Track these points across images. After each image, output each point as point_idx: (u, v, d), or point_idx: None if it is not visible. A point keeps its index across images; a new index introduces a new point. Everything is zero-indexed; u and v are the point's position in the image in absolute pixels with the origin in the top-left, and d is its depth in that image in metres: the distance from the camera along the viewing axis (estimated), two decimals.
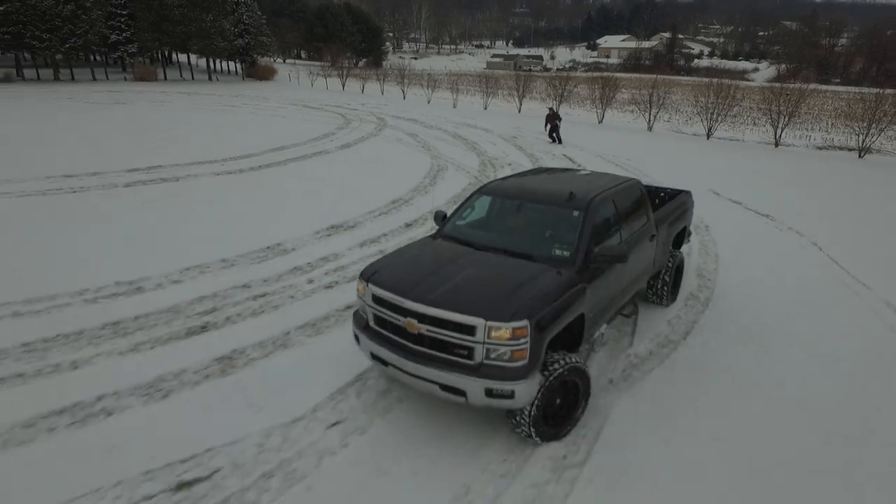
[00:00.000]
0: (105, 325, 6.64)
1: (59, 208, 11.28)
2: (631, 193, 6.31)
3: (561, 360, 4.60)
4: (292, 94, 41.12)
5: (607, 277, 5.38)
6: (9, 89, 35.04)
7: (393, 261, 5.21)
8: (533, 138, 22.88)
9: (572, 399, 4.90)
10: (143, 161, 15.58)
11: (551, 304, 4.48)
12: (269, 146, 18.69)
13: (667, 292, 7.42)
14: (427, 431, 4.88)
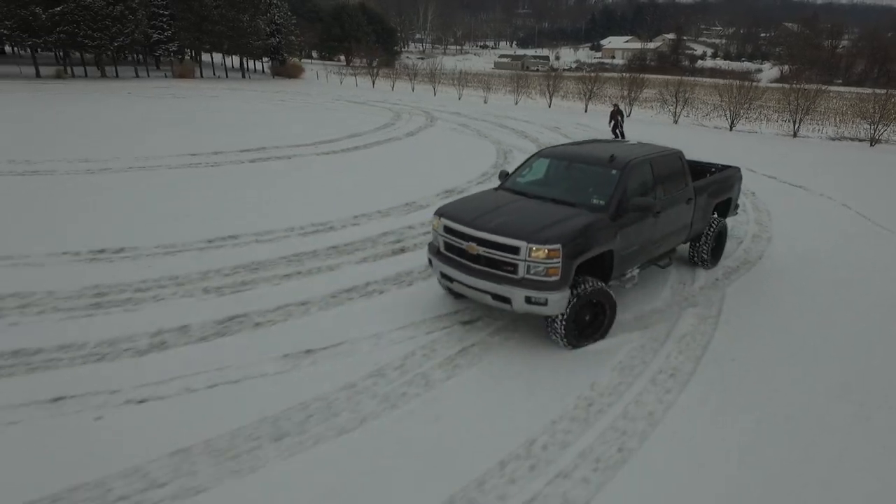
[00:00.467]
0: (329, 248, 8.91)
1: (239, 173, 13.63)
2: (670, 161, 7.33)
3: (589, 282, 5.78)
4: (329, 91, 43.35)
5: (639, 226, 6.46)
6: (67, 85, 37.24)
7: (461, 202, 6.63)
8: (573, 128, 25.15)
9: (600, 317, 6.14)
10: (249, 144, 17.82)
11: (581, 236, 5.68)
12: (343, 134, 20.93)
13: (707, 256, 8.33)
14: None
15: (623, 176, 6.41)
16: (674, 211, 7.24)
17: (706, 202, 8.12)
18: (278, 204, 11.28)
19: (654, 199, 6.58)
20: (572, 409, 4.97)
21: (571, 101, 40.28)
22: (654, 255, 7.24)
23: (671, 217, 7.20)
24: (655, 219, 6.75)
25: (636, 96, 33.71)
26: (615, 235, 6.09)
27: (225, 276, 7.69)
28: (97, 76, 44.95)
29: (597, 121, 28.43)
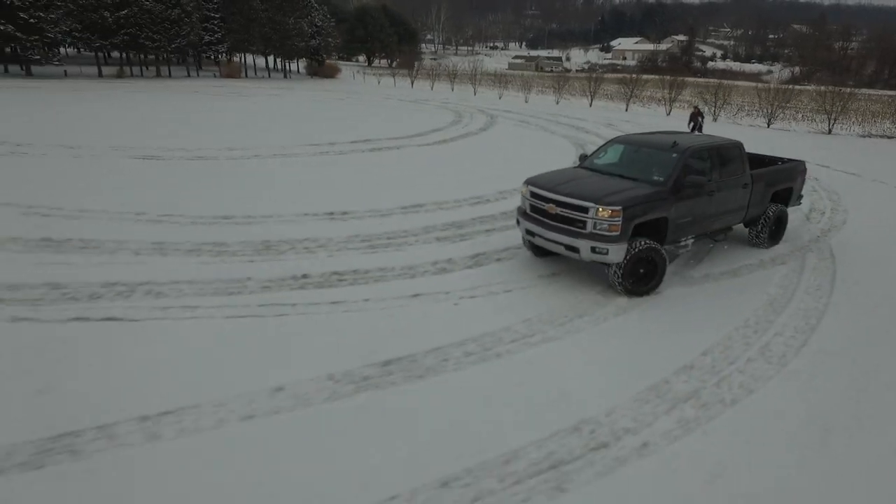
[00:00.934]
0: (501, 213, 11.16)
1: (372, 160, 15.92)
2: (727, 150, 8.52)
3: (643, 241, 7.16)
4: (375, 90, 45.65)
5: (693, 202, 7.78)
6: (130, 85, 39.61)
7: (545, 175, 8.27)
8: (624, 125, 27.42)
9: (652, 272, 7.48)
10: (355, 137, 20.10)
11: (639, 203, 7.07)
12: (426, 129, 23.21)
13: (765, 237, 9.42)
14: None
15: (681, 159, 7.72)
16: (730, 193, 8.45)
17: (763, 189, 9.15)
18: (423, 183, 13.51)
19: (707, 180, 7.83)
20: (764, 307, 7.25)
21: (606, 101, 42.48)
22: (708, 229, 8.53)
23: (726, 198, 8.43)
24: (710, 198, 8.03)
25: (674, 96, 35.92)
26: (671, 207, 7.47)
27: (440, 230, 9.97)
28: (152, 76, 47.38)
29: (640, 117, 30.69)
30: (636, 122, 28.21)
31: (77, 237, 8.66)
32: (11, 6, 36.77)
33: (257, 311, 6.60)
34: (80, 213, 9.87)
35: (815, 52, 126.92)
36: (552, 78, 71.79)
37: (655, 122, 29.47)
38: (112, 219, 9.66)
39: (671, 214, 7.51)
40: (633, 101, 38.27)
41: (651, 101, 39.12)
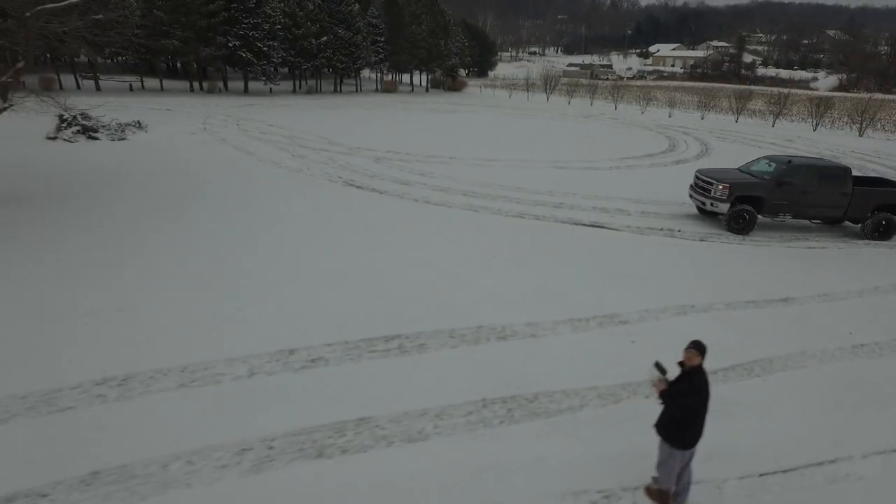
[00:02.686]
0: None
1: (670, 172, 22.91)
2: (831, 170, 13.85)
3: (742, 207, 13.45)
4: (526, 106, 52.71)
5: (787, 193, 13.39)
6: (327, 99, 46.92)
7: (708, 168, 15.48)
8: (799, 145, 34.22)
9: (747, 222, 13.60)
10: (621, 154, 27.07)
11: (743, 186, 13.57)
12: (655, 150, 30.15)
13: (868, 233, 14.06)
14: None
15: (781, 169, 13.86)
16: (825, 195, 13.67)
17: (864, 201, 13.95)
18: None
19: (797, 181, 13.50)
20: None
21: (726, 115, 48.92)
22: (804, 214, 14.04)
23: (821, 198, 13.67)
24: (803, 194, 13.53)
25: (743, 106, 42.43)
26: (766, 192, 13.54)
27: None
28: (329, 91, 54.87)
29: (753, 128, 37.45)
30: (817, 142, 34.95)
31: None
32: (249, 38, 44.40)
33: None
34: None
35: (862, 60, 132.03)
36: (640, 88, 78.68)
37: (763, 129, 36.28)
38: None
39: (766, 196, 13.68)
40: (742, 114, 44.89)
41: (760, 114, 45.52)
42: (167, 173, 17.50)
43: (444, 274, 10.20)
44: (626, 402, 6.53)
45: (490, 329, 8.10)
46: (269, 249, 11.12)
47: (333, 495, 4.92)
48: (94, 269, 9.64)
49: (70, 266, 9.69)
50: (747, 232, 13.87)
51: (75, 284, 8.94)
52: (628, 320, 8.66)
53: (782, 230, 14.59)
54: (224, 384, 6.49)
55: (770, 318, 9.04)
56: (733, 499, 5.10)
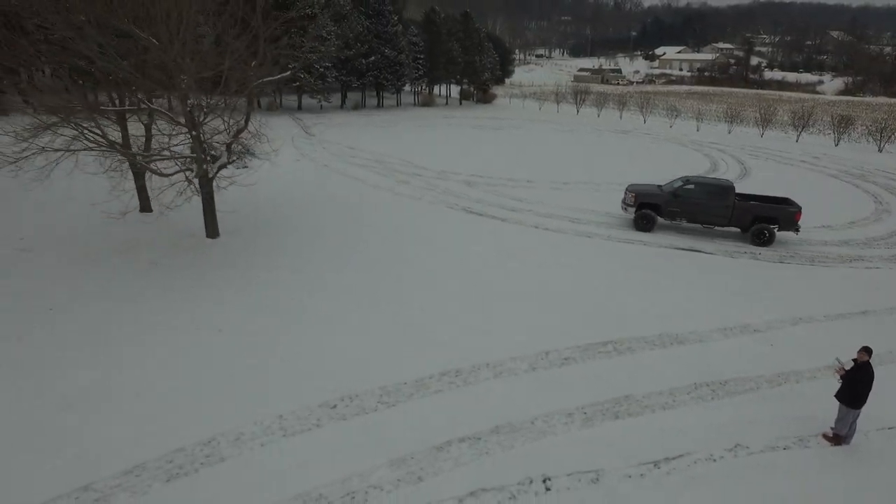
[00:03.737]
0: None
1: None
2: (716, 188, 18.16)
3: (645, 211, 18.67)
4: (558, 118, 56.06)
5: (680, 201, 18.37)
6: (375, 114, 50.35)
7: (634, 184, 20.52)
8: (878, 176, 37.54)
9: (649, 223, 18.75)
10: (658, 177, 30.46)
11: (646, 195, 18.82)
12: (701, 171, 33.48)
13: (749, 240, 17.90)
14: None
15: (678, 184, 18.82)
16: (712, 207, 17.96)
17: (744, 213, 17.79)
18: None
19: (682, 192, 18.31)
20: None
21: (750, 128, 52.12)
22: (695, 220, 18.34)
23: (708, 209, 18.00)
24: (694, 205, 18.12)
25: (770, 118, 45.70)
26: (664, 200, 18.56)
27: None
28: (373, 105, 58.25)
29: (765, 141, 40.75)
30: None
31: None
32: (308, 61, 47.69)
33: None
34: None
35: (868, 63, 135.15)
36: (654, 95, 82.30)
37: (784, 143, 39.55)
38: None
39: (662, 203, 18.51)
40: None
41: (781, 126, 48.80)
42: (319, 205, 20.84)
43: (618, 289, 13.59)
44: (787, 385, 9.93)
45: (673, 335, 11.51)
46: (464, 275, 14.50)
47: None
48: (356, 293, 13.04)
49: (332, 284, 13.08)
50: (649, 230, 18.87)
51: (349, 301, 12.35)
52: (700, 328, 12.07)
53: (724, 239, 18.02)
54: (518, 375, 9.88)
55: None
56: (877, 443, 8.50)
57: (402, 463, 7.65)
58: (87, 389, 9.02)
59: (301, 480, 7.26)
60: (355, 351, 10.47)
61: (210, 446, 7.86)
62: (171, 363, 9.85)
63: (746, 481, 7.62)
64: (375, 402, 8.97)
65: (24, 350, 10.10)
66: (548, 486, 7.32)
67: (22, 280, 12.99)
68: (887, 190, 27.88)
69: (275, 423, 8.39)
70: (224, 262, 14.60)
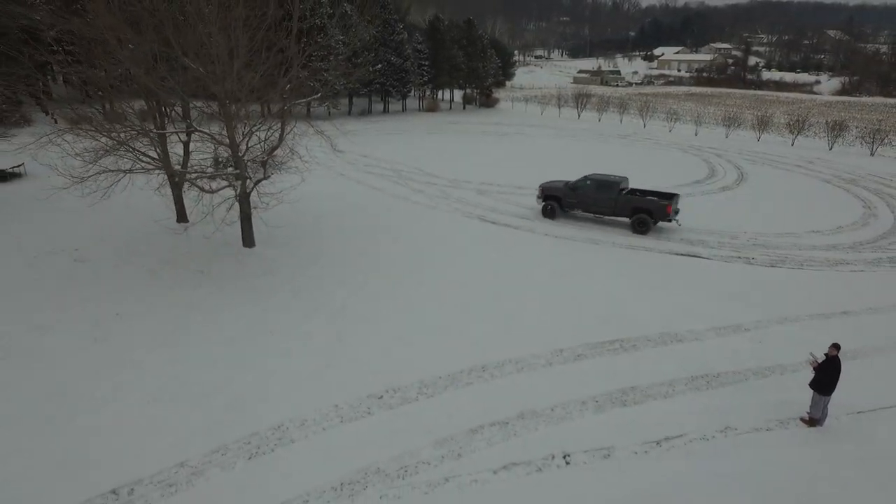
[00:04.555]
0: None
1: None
2: (605, 183, 21.26)
3: (550, 201, 22.23)
4: (561, 124, 57.50)
5: (576, 194, 21.77)
6: (379, 122, 51.79)
7: (546, 182, 23.55)
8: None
9: (551, 211, 22.18)
10: (661, 182, 31.87)
11: (550, 189, 22.27)
12: (700, 177, 34.93)
13: (632, 228, 20.79)
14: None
15: (577, 181, 22.14)
16: (601, 199, 21.20)
17: (625, 205, 20.83)
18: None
19: (580, 187, 21.71)
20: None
21: (747, 132, 53.45)
22: (589, 210, 21.75)
23: (598, 201, 21.29)
24: (587, 197, 21.48)
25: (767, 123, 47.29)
26: (564, 193, 22.03)
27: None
28: (379, 111, 59.71)
29: (771, 146, 42.17)
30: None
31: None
32: (318, 69, 49.20)
33: None
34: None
35: (864, 63, 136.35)
36: (654, 97, 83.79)
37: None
38: None
39: (562, 196, 22.01)
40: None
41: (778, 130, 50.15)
42: (342, 214, 22.29)
43: (625, 292, 15.05)
44: (772, 377, 11.38)
45: (672, 334, 12.96)
46: (484, 280, 15.97)
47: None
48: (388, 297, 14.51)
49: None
50: (553, 217, 22.34)
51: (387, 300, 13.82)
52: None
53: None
54: (537, 369, 11.34)
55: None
56: (846, 424, 9.95)
57: (444, 443, 9.10)
58: (166, 385, 10.47)
59: (360, 458, 8.71)
60: (395, 349, 11.92)
61: (280, 430, 9.31)
62: (235, 362, 11.30)
63: (734, 456, 9.07)
64: (416, 393, 10.43)
65: (106, 350, 11.56)
66: (567, 461, 8.77)
67: (86, 287, 14.45)
68: (876, 195, 29.28)
69: (332, 411, 9.84)
70: (265, 270, 16.06)
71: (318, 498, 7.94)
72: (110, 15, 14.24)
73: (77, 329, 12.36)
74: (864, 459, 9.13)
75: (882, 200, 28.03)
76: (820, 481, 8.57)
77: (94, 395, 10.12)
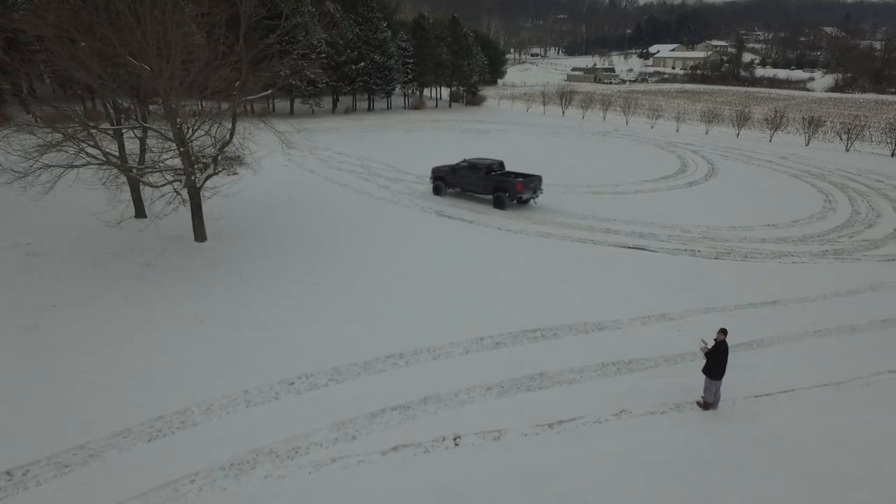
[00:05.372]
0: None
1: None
2: (477, 166, 23.99)
3: (439, 180, 25.62)
4: (547, 121, 57.73)
5: (455, 175, 24.77)
6: (362, 120, 52.00)
7: (437, 166, 26.55)
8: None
9: (440, 190, 25.55)
10: (627, 178, 32.10)
11: (439, 171, 25.47)
12: (669, 172, 35.12)
13: (492, 202, 23.82)
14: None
15: (457, 164, 25.14)
16: (473, 179, 24.13)
17: (488, 184, 23.60)
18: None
19: (459, 169, 24.66)
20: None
21: (728, 128, 53.48)
22: (464, 188, 24.83)
23: (471, 181, 24.25)
24: (463, 178, 24.49)
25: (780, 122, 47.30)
26: (447, 174, 25.12)
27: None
28: (364, 109, 59.97)
29: (778, 149, 42.38)
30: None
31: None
32: (299, 67, 49.43)
33: None
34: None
35: (858, 60, 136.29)
36: (645, 95, 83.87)
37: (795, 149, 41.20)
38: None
39: (445, 176, 25.09)
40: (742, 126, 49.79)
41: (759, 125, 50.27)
42: (303, 209, 22.58)
43: (563, 284, 15.32)
44: (682, 364, 11.65)
45: (596, 323, 13.24)
46: (426, 270, 16.25)
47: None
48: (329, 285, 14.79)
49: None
50: (440, 195, 25.23)
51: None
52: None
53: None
54: (453, 357, 11.62)
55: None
56: (740, 408, 10.21)
57: (342, 426, 9.38)
58: (85, 372, 10.77)
59: (256, 440, 8.99)
60: (319, 337, 12.21)
61: (185, 415, 9.60)
62: (158, 350, 11.60)
63: (625, 437, 9.34)
64: (327, 379, 10.71)
65: (34, 339, 11.86)
66: (457, 443, 9.05)
67: (31, 279, 14.76)
68: (840, 189, 29.51)
69: (240, 396, 10.12)
70: (211, 263, 16.36)
71: (206, 477, 8.23)
72: (53, 13, 14.56)
73: (10, 319, 12.65)
74: (754, 441, 9.40)
75: (844, 195, 28.26)
76: (708, 461, 8.84)
77: (17, 379, 10.42)
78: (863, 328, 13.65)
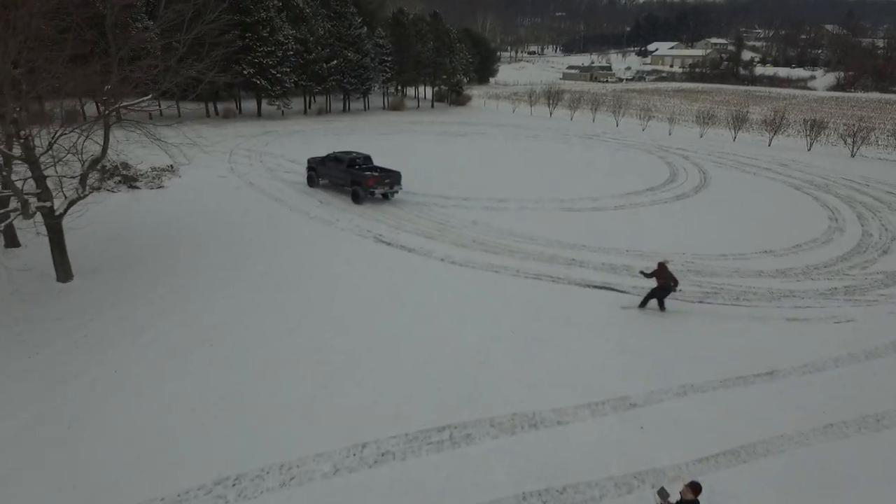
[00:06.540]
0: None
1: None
2: (340, 160, 24.12)
3: (310, 172, 25.86)
4: (531, 123, 54.22)
5: (327, 168, 24.83)
6: (340, 120, 48.49)
7: (314, 157, 26.49)
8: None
9: (313, 180, 25.91)
10: (607, 192, 28.65)
11: (312, 160, 25.92)
12: (656, 183, 31.64)
13: (351, 197, 23.62)
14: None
15: (325, 156, 25.41)
16: (338, 172, 24.07)
17: (347, 177, 23.59)
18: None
19: (326, 161, 24.97)
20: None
21: (724, 131, 49.78)
22: (331, 180, 24.87)
23: (337, 173, 24.21)
24: (331, 170, 24.53)
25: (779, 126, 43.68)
26: (317, 166, 25.29)
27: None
28: (339, 110, 56.42)
29: (779, 152, 38.89)
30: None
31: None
32: (264, 66, 45.95)
33: None
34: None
35: (860, 58, 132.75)
36: (640, 95, 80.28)
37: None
38: None
39: (318, 167, 25.27)
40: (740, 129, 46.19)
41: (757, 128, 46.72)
42: (211, 231, 19.11)
43: (497, 347, 11.84)
44: (637, 491, 8.19)
45: (528, 415, 9.76)
46: (331, 318, 12.78)
47: None
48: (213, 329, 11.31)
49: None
50: (313, 186, 25.59)
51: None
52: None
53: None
54: (315, 480, 8.16)
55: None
56: None
57: None
58: None
59: None
60: (118, 449, 8.74)
61: None
62: None
63: None
64: None
65: None
66: None
67: None
68: (847, 202, 26.06)
69: None
70: (57, 314, 12.88)
71: None
72: None
73: None
74: None
75: (852, 210, 24.81)
76: None
77: None
78: (892, 416, 10.20)
